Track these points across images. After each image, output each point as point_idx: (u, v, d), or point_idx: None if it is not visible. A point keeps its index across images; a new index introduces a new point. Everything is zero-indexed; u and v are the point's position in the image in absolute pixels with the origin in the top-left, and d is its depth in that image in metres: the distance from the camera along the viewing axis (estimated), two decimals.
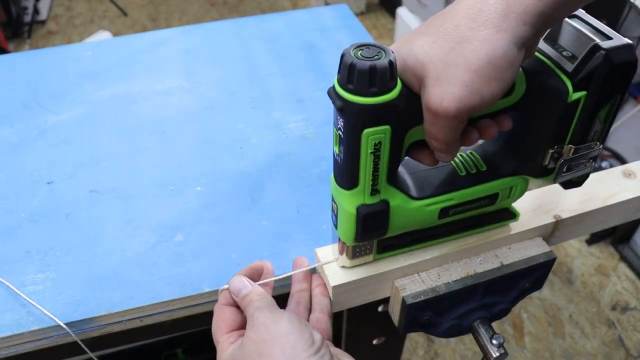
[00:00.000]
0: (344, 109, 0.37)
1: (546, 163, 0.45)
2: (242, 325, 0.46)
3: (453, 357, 1.49)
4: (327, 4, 2.87)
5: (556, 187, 0.59)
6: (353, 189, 0.42)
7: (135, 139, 0.77)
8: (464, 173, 0.48)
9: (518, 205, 0.55)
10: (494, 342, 0.51)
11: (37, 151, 0.75)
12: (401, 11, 2.01)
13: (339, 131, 0.39)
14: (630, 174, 0.62)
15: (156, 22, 3.07)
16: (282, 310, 0.44)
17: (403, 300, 0.50)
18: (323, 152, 0.74)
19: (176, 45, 0.98)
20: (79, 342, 0.55)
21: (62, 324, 0.53)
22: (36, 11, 2.96)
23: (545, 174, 0.47)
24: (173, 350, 1.29)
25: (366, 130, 0.37)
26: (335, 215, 0.46)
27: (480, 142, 0.50)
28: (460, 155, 0.50)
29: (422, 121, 0.39)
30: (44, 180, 0.70)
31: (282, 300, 0.61)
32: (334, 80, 0.38)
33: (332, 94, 0.38)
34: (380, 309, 0.58)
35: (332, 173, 0.44)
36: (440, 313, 0.53)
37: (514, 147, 0.48)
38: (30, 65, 0.94)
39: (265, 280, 0.51)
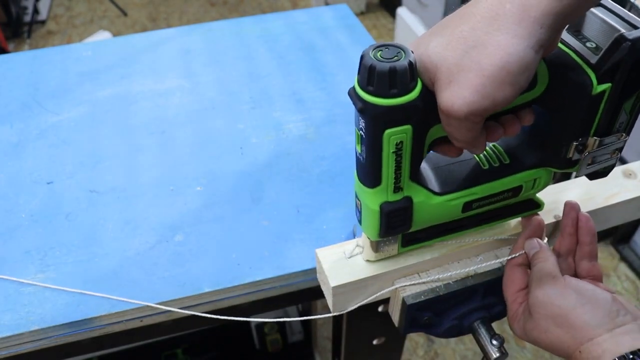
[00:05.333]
0: (364, 110, 0.37)
1: (570, 155, 0.44)
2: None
3: (453, 357, 1.49)
4: (327, 4, 2.87)
5: (556, 188, 0.59)
6: (376, 187, 0.42)
7: (135, 139, 0.77)
8: (487, 167, 0.48)
9: None
10: (494, 342, 0.51)
11: (37, 151, 0.75)
12: (401, 11, 2.01)
13: (361, 131, 0.39)
14: (630, 174, 0.62)
15: (156, 22, 3.07)
16: (563, 278, 0.45)
17: (403, 301, 0.50)
18: (323, 152, 0.74)
19: (176, 45, 0.98)
20: (79, 342, 0.55)
21: (62, 324, 0.53)
22: (36, 11, 2.96)
23: (569, 166, 0.46)
24: (173, 351, 1.29)
25: (387, 131, 0.37)
26: (359, 211, 0.46)
27: None
28: None
29: None
30: (44, 180, 0.70)
31: (282, 300, 0.61)
32: (354, 81, 0.37)
33: (352, 95, 0.38)
34: (380, 309, 0.58)
35: (355, 171, 0.44)
36: (440, 313, 0.53)
37: (538, 140, 0.47)
38: (30, 65, 0.94)
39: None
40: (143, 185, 0.69)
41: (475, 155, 0.49)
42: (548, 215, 0.56)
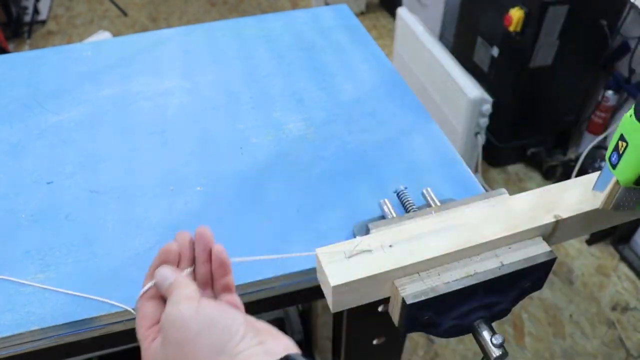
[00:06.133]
0: None
1: None
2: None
3: (453, 357, 1.49)
4: (327, 4, 2.87)
5: (556, 187, 0.59)
6: None
7: (135, 139, 0.77)
8: None
9: (517, 204, 0.55)
10: (494, 342, 0.51)
11: (37, 151, 0.75)
12: (401, 11, 2.01)
13: None
14: None
15: (156, 22, 3.07)
16: (198, 299, 0.41)
17: (403, 300, 0.50)
18: (323, 152, 0.74)
19: (176, 45, 0.98)
20: (79, 342, 0.55)
21: (62, 324, 0.53)
22: (36, 11, 2.96)
23: None
24: None
25: None
26: (618, 154, 0.47)
27: None
28: None
29: None
30: (44, 180, 0.70)
31: (282, 300, 0.61)
32: None
33: None
34: (380, 309, 0.58)
35: (633, 109, 0.45)
36: (440, 313, 0.53)
37: None
38: (30, 65, 0.94)
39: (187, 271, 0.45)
40: (143, 185, 0.69)
41: None
42: (548, 214, 0.56)
